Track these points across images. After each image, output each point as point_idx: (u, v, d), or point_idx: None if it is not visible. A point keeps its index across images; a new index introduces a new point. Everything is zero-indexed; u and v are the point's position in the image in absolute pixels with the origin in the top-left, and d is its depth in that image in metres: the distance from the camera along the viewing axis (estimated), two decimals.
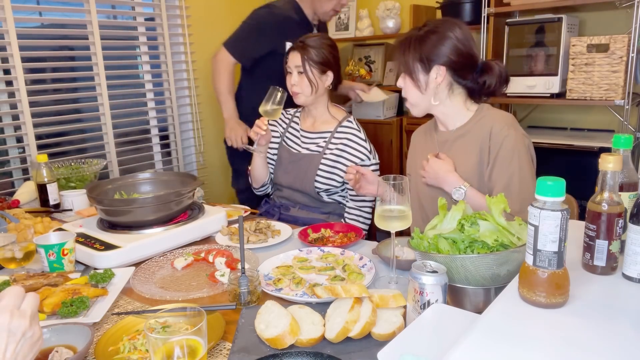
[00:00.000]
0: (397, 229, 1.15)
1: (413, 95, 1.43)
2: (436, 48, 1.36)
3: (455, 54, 1.36)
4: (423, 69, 1.38)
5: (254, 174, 1.94)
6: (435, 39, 1.36)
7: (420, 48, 1.37)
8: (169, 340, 0.75)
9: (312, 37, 1.83)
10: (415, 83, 1.39)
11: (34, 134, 2.24)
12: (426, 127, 1.62)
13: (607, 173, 0.77)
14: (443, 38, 1.36)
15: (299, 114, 1.99)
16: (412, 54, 1.38)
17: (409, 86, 1.41)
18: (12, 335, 0.66)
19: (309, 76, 1.79)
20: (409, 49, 1.38)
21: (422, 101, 1.43)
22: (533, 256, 0.72)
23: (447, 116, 1.46)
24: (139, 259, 1.34)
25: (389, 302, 0.95)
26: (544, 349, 0.62)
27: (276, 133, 1.99)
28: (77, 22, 2.45)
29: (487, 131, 1.37)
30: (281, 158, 1.94)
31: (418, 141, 1.63)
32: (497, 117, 1.39)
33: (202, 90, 2.96)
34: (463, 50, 1.37)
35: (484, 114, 1.43)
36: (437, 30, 1.37)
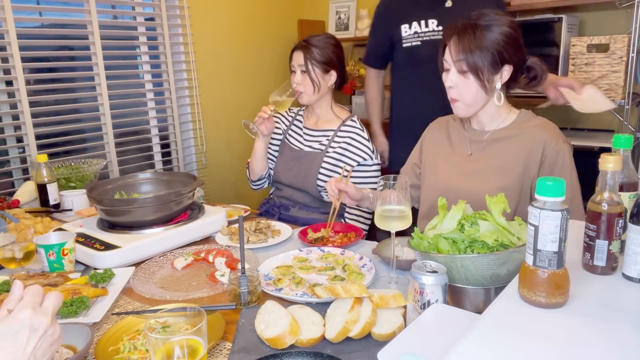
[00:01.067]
0: (397, 229, 1.15)
1: (472, 95, 1.31)
2: (509, 47, 1.27)
3: (521, 53, 1.31)
4: (494, 68, 1.28)
5: (253, 165, 1.94)
6: (507, 37, 1.27)
7: (493, 45, 1.26)
8: (169, 340, 0.75)
9: (316, 37, 1.83)
10: (482, 83, 1.28)
11: (34, 134, 2.24)
12: (446, 123, 1.54)
13: (607, 173, 0.77)
14: (512, 36, 1.28)
15: (303, 112, 1.99)
16: (483, 52, 1.26)
17: (471, 85, 1.29)
18: (34, 331, 0.66)
19: (311, 76, 1.79)
20: (477, 45, 1.26)
21: (479, 101, 1.32)
22: (533, 256, 0.72)
23: (490, 117, 1.38)
24: (139, 259, 1.34)
25: (389, 302, 0.95)
26: (544, 348, 0.62)
27: (278, 130, 1.99)
28: (77, 22, 2.45)
29: (539, 143, 1.31)
30: (283, 155, 1.94)
31: (435, 136, 1.55)
32: (549, 130, 1.33)
33: (203, 90, 2.96)
34: (524, 49, 1.32)
35: (532, 122, 1.36)
36: (504, 26, 1.27)
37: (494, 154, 1.37)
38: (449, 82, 1.32)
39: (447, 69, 1.33)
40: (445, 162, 1.46)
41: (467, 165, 1.41)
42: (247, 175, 2.01)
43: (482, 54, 1.26)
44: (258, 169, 1.94)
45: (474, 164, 1.40)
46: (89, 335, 0.91)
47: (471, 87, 1.30)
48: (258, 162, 1.92)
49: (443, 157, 1.48)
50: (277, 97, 1.77)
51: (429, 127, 1.59)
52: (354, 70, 3.35)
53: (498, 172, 1.34)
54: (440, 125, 1.56)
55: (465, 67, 1.27)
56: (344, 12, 3.51)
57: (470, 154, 1.41)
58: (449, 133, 1.50)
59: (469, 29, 1.27)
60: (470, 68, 1.27)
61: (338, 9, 3.54)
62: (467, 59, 1.27)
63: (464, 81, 1.30)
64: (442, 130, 1.53)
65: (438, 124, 1.57)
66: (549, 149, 1.30)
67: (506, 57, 1.27)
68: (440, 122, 1.57)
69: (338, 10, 3.54)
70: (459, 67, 1.29)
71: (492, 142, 1.38)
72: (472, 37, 1.26)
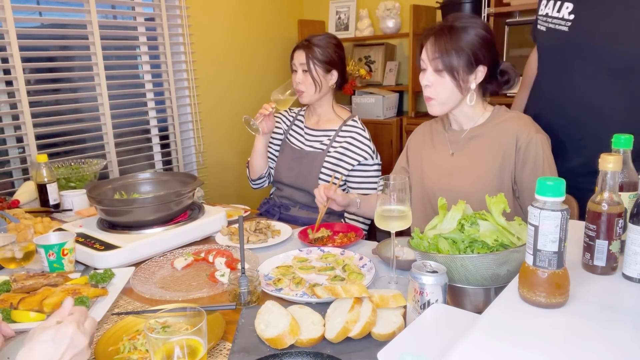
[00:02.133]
0: (397, 229, 1.15)
1: (446, 94, 1.35)
2: (483, 48, 1.32)
3: (495, 55, 1.35)
4: (469, 68, 1.32)
5: (253, 163, 1.94)
6: (481, 39, 1.32)
7: (469, 46, 1.30)
8: (169, 340, 0.75)
9: (318, 36, 1.84)
10: (457, 82, 1.32)
11: (34, 134, 2.24)
12: (429, 127, 1.59)
13: (607, 173, 0.77)
14: (486, 38, 1.32)
15: (304, 112, 2.00)
16: (458, 52, 1.30)
17: (446, 84, 1.33)
18: (73, 347, 0.71)
19: (313, 75, 1.80)
20: (453, 46, 1.30)
21: (454, 100, 1.36)
22: (533, 256, 0.72)
23: (466, 116, 1.42)
24: (139, 259, 1.34)
25: (389, 302, 0.95)
26: (544, 348, 0.62)
27: (279, 129, 1.99)
28: (77, 22, 2.45)
29: (512, 136, 1.35)
30: (284, 154, 1.94)
31: (419, 140, 1.60)
32: (520, 122, 1.37)
33: (202, 90, 2.96)
34: (497, 51, 1.37)
35: (504, 117, 1.40)
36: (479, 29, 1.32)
37: (471, 151, 1.42)
38: (425, 81, 1.36)
39: (424, 68, 1.37)
40: (429, 164, 1.51)
41: (449, 165, 1.46)
42: (247, 174, 2.01)
43: (458, 54, 1.30)
44: (258, 168, 1.94)
45: (455, 163, 1.44)
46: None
47: (446, 86, 1.34)
48: (258, 160, 1.92)
49: (427, 159, 1.53)
50: (279, 95, 1.78)
51: (414, 132, 1.64)
52: (354, 70, 3.35)
53: (476, 169, 1.39)
54: (423, 129, 1.61)
55: (441, 67, 1.31)
56: (344, 12, 3.52)
57: (452, 153, 1.45)
58: (432, 136, 1.55)
59: (445, 30, 1.32)
60: (446, 68, 1.31)
61: (338, 9, 3.54)
62: (442, 59, 1.31)
63: (439, 80, 1.34)
64: (426, 134, 1.58)
65: (421, 129, 1.62)
66: (522, 140, 1.33)
67: (481, 58, 1.32)
68: (424, 126, 1.62)
69: (338, 10, 3.54)
70: (435, 66, 1.33)
71: (469, 140, 1.43)
72: (448, 38, 1.31)
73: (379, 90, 3.25)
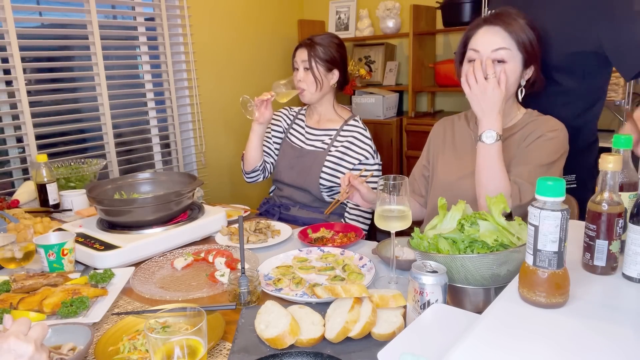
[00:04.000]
0: (397, 229, 1.15)
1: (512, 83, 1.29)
2: (538, 45, 1.29)
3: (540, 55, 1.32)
4: (533, 56, 1.29)
5: (247, 155, 1.93)
6: (535, 34, 1.28)
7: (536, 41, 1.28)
8: (169, 340, 0.75)
9: (320, 35, 1.85)
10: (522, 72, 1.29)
11: (34, 134, 2.24)
12: (451, 122, 1.53)
13: (607, 173, 0.77)
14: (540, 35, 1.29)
15: (304, 112, 2.01)
16: (529, 37, 1.27)
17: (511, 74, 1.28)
18: (19, 357, 0.69)
19: (314, 73, 1.80)
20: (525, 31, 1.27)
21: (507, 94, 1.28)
22: (533, 256, 0.72)
23: (505, 113, 1.35)
24: (138, 259, 1.34)
25: (389, 302, 0.95)
26: (544, 348, 0.62)
27: (280, 128, 1.99)
28: (77, 22, 2.45)
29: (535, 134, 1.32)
30: (284, 154, 1.94)
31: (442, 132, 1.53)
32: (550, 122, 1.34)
33: (203, 90, 2.96)
34: None
35: (534, 118, 1.37)
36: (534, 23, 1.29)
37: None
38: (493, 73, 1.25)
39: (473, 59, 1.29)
40: (450, 162, 1.46)
41: (472, 165, 1.38)
42: (242, 167, 2.00)
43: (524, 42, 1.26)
44: (252, 159, 1.92)
45: None
46: (89, 335, 0.91)
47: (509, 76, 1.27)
48: (252, 152, 1.91)
49: (448, 156, 1.48)
50: (281, 87, 1.79)
51: (433, 129, 1.59)
52: (354, 70, 3.35)
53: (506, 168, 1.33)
54: (444, 125, 1.55)
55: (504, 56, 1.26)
56: (344, 12, 3.52)
57: None
58: (454, 133, 1.51)
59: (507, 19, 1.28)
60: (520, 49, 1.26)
61: (338, 9, 3.54)
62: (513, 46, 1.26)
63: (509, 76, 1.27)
64: (447, 131, 1.53)
65: (442, 125, 1.56)
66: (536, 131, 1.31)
67: (536, 55, 1.29)
68: (445, 122, 1.56)
69: (338, 10, 3.54)
70: (497, 55, 1.27)
71: None
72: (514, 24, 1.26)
73: (379, 90, 3.25)
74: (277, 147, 1.99)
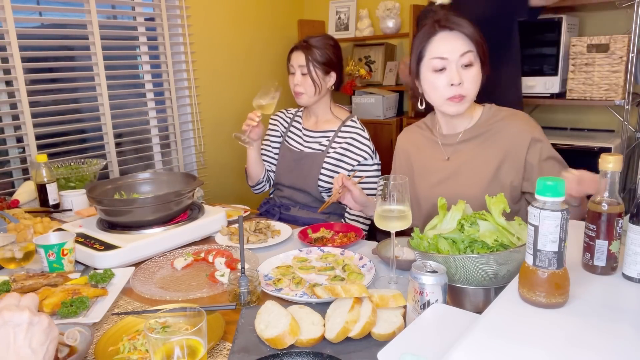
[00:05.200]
0: (397, 229, 1.15)
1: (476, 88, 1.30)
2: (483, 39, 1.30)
3: None
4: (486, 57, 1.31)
5: (249, 170, 1.94)
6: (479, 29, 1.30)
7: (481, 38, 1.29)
8: (169, 340, 0.75)
9: (315, 37, 1.83)
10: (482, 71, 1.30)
11: (34, 134, 2.24)
12: (413, 132, 1.54)
13: (607, 173, 0.77)
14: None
15: (301, 114, 1.99)
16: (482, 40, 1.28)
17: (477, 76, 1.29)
18: (17, 326, 0.69)
19: (312, 77, 1.79)
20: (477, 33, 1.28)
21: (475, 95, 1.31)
22: (533, 256, 0.72)
23: (463, 116, 1.37)
24: (138, 259, 1.33)
25: (389, 302, 0.95)
26: (544, 349, 0.62)
27: (277, 132, 1.99)
28: (77, 22, 2.45)
29: (516, 136, 1.31)
30: (283, 157, 1.94)
31: (405, 148, 1.54)
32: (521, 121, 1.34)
33: (203, 90, 2.96)
34: None
35: (501, 115, 1.36)
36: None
37: (468, 154, 1.38)
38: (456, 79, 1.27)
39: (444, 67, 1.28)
40: (422, 172, 1.47)
41: (446, 171, 1.41)
42: (246, 181, 2.01)
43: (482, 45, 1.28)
44: (255, 174, 1.95)
45: (452, 167, 1.40)
46: (89, 335, 0.91)
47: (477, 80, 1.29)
48: (253, 167, 1.93)
49: (419, 167, 1.48)
50: (260, 100, 1.75)
51: (398, 143, 1.59)
52: (354, 70, 3.35)
53: (474, 171, 1.35)
54: (408, 136, 1.56)
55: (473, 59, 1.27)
56: (344, 12, 3.52)
57: (448, 158, 1.41)
58: (419, 142, 1.50)
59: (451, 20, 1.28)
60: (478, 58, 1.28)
61: (338, 9, 3.54)
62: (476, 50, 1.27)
63: (470, 74, 1.28)
64: (412, 142, 1.53)
65: (405, 136, 1.57)
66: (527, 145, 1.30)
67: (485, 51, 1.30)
68: (408, 133, 1.57)
69: (338, 10, 3.54)
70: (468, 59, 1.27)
71: (464, 142, 1.39)
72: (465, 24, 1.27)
73: (379, 90, 3.25)
74: (276, 152, 1.99)
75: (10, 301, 0.73)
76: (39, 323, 0.71)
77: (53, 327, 0.73)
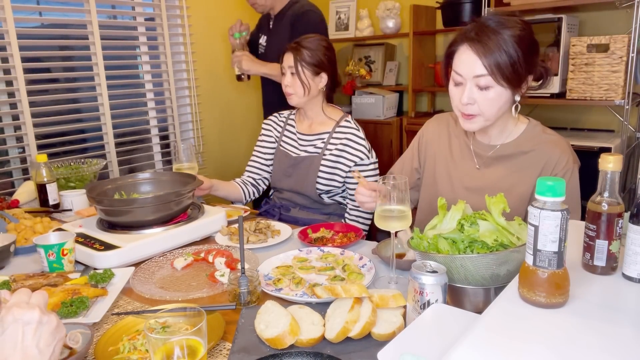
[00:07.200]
0: (397, 229, 1.15)
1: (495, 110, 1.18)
2: (531, 55, 1.15)
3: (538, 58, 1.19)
4: (522, 78, 1.16)
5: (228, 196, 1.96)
6: (530, 42, 1.15)
7: (523, 54, 1.13)
8: (169, 340, 0.75)
9: (308, 38, 1.82)
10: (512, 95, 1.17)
11: (34, 134, 2.24)
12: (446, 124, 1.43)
13: (607, 173, 0.77)
14: (534, 42, 1.16)
15: (294, 117, 1.98)
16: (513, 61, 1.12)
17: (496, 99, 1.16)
18: (27, 324, 0.68)
19: (301, 77, 1.78)
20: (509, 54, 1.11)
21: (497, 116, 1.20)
22: (533, 256, 0.72)
23: (499, 129, 1.28)
24: (138, 259, 1.34)
25: (389, 302, 0.95)
26: (544, 348, 0.62)
27: (271, 137, 1.99)
28: (77, 22, 2.45)
29: (552, 161, 1.23)
30: (279, 162, 1.93)
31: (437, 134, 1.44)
32: (561, 149, 1.24)
33: (202, 91, 2.96)
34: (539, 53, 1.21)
35: (542, 138, 1.27)
36: (524, 31, 1.14)
37: (502, 169, 1.29)
38: (465, 99, 1.18)
39: (460, 82, 1.19)
40: (447, 174, 1.39)
41: (475, 181, 1.33)
42: None
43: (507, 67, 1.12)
44: (234, 195, 1.96)
45: (482, 179, 1.32)
46: (89, 335, 0.91)
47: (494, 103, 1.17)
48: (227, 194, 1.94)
49: (445, 167, 1.40)
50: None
51: (427, 127, 1.49)
52: (354, 70, 3.35)
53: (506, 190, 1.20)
54: (439, 125, 1.45)
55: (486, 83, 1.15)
56: (344, 12, 3.52)
57: (478, 167, 1.34)
58: (450, 139, 1.41)
59: (486, 37, 1.13)
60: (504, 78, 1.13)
61: (338, 9, 3.54)
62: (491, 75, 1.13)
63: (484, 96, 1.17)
64: (442, 134, 1.43)
65: (437, 124, 1.46)
66: (559, 168, 1.23)
67: (530, 66, 1.16)
68: (439, 123, 1.45)
69: (338, 10, 3.54)
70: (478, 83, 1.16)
71: (499, 158, 1.30)
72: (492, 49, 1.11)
73: (379, 90, 3.25)
74: (271, 157, 1.98)
75: (21, 297, 0.72)
76: (48, 323, 0.70)
77: (61, 327, 0.73)
